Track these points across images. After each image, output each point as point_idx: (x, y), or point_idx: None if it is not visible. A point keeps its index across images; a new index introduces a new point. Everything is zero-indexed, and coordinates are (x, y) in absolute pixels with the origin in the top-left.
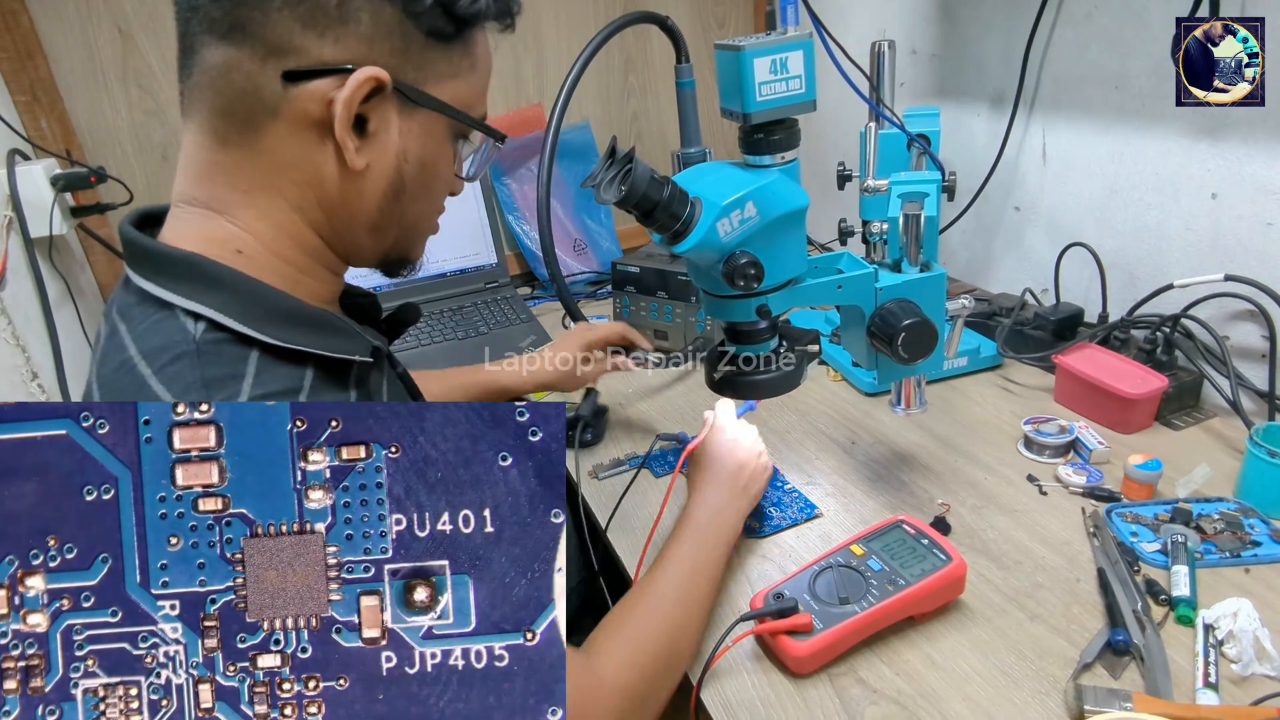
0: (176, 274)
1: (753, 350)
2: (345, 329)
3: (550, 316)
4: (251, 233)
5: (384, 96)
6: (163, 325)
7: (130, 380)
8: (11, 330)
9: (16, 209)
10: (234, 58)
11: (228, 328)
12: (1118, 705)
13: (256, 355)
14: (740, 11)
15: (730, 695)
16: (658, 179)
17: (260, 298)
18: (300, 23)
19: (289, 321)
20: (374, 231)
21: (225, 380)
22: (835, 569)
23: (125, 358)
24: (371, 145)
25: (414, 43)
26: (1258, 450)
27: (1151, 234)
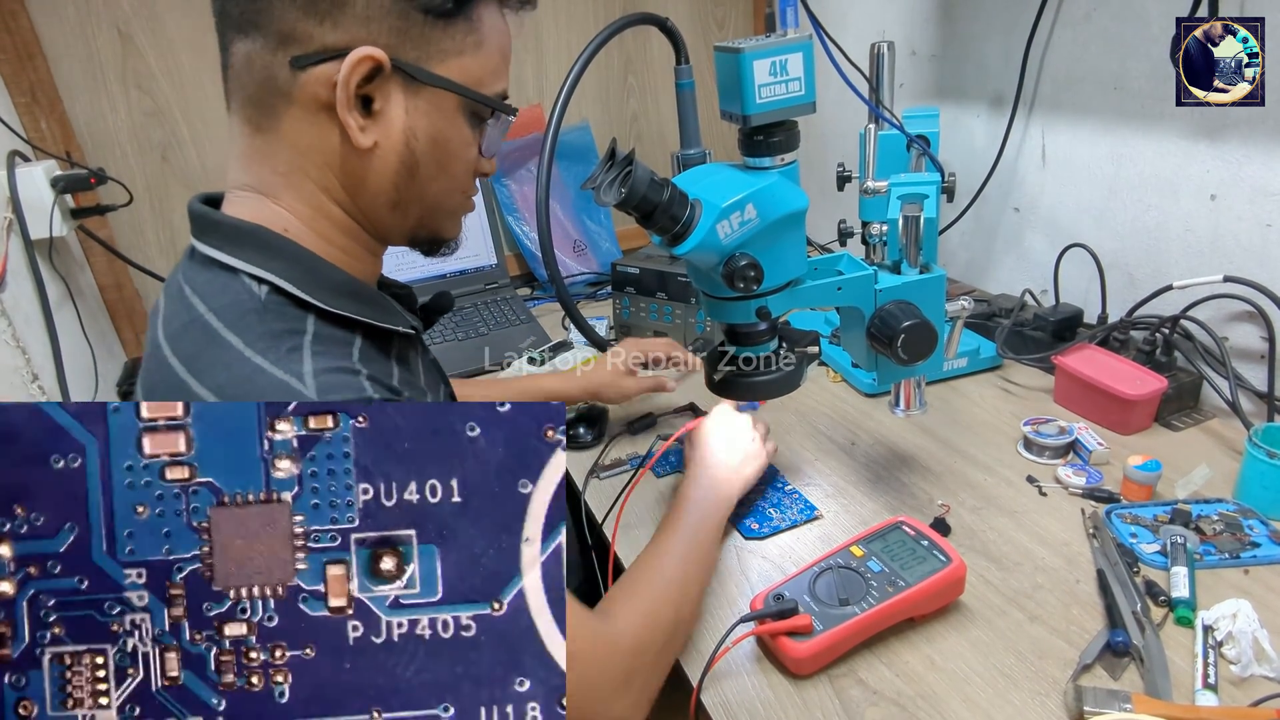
0: (241, 242)
1: (753, 352)
2: (388, 305)
3: (550, 317)
4: (294, 213)
5: (386, 76)
6: (230, 286)
7: (202, 333)
8: (12, 332)
9: (16, 210)
10: (252, 50)
11: (286, 292)
12: (1117, 706)
13: (313, 318)
14: (740, 13)
15: (730, 696)
16: (658, 181)
17: (314, 268)
18: (302, 11)
19: (339, 291)
20: (394, 209)
21: (288, 334)
22: (835, 570)
23: (195, 315)
24: (378, 124)
25: (413, 21)
26: (1257, 451)
27: (1151, 235)
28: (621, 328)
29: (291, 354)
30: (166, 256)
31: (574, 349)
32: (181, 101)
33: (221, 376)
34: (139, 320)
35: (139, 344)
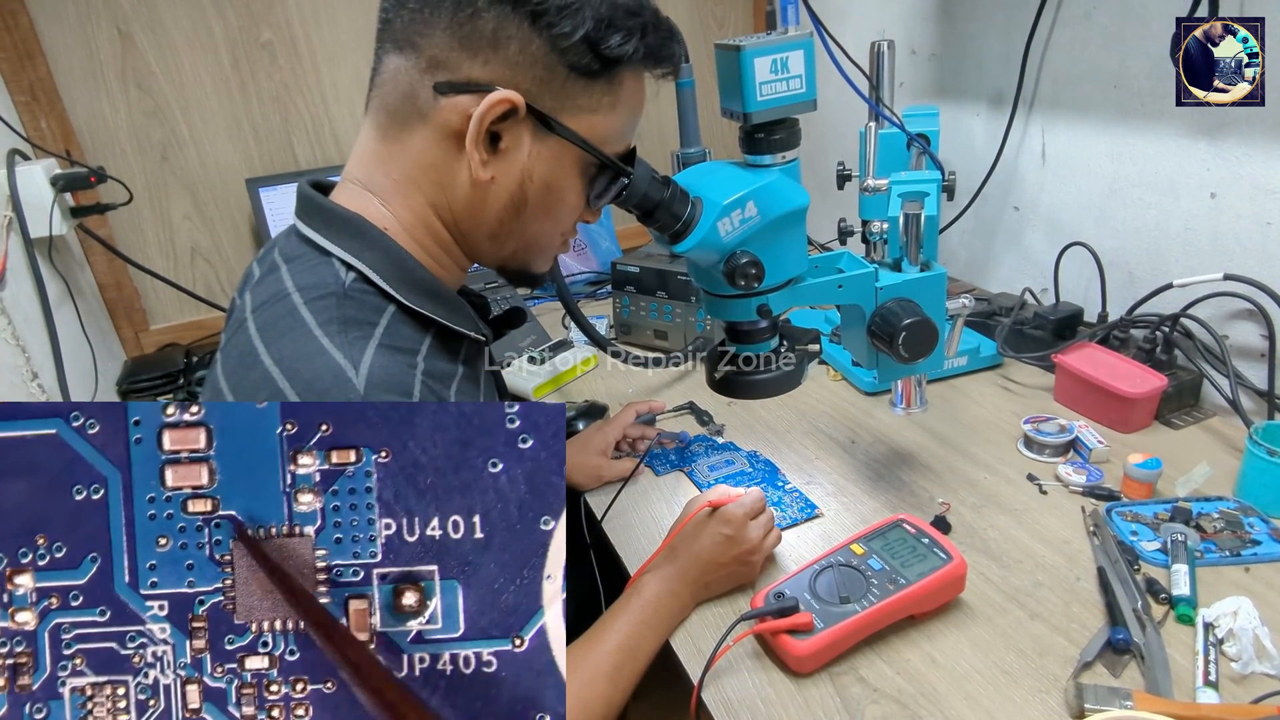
0: (340, 229)
1: (753, 350)
2: (464, 310)
3: (550, 316)
4: (396, 216)
5: (519, 119)
6: (319, 268)
7: (283, 307)
8: (11, 330)
9: (16, 209)
10: (403, 66)
11: (373, 283)
12: (1118, 703)
13: (392, 311)
14: (739, 11)
15: (731, 694)
16: (658, 179)
17: (403, 264)
18: (459, 42)
19: (421, 290)
20: (493, 239)
21: (360, 323)
22: (836, 568)
23: (281, 289)
24: (500, 161)
25: (557, 74)
26: (1257, 449)
27: (1151, 233)
28: (621, 326)
29: (357, 342)
30: (166, 255)
31: (574, 348)
32: (181, 101)
33: (288, 348)
34: (138, 319)
35: (138, 343)
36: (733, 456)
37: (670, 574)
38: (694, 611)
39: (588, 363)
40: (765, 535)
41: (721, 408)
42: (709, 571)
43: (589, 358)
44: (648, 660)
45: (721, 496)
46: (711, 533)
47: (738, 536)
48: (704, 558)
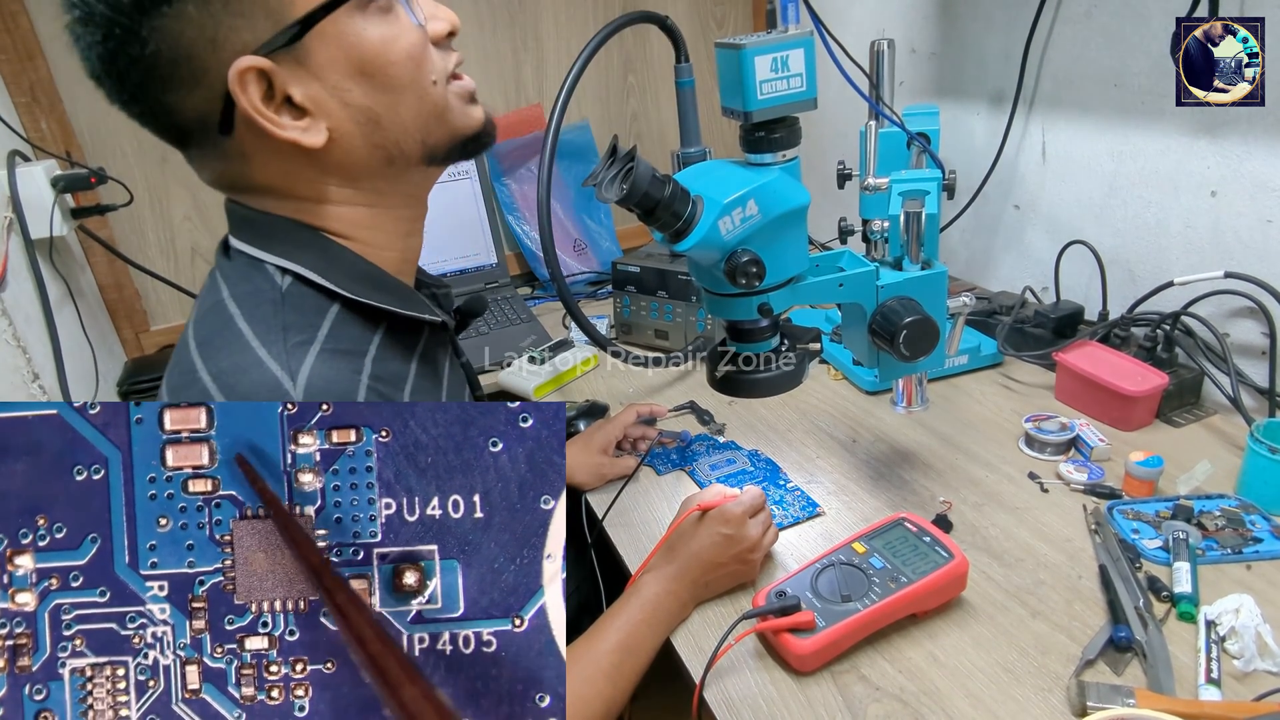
0: (270, 235)
1: (754, 349)
2: (416, 296)
3: (550, 316)
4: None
5: (273, 69)
6: (253, 276)
7: (219, 317)
8: (12, 331)
9: (17, 210)
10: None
11: (311, 282)
12: (1120, 701)
13: (336, 310)
14: (740, 11)
15: (733, 693)
16: (659, 177)
17: (339, 257)
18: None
19: (365, 281)
20: (392, 162)
21: (302, 328)
22: (837, 567)
23: (218, 299)
24: (315, 111)
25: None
26: (1258, 447)
27: (1151, 231)
28: (622, 326)
29: (297, 350)
30: (166, 256)
31: (574, 348)
32: None
33: (225, 362)
34: (139, 320)
35: (139, 344)
36: (734, 455)
37: (670, 573)
38: (695, 611)
39: (588, 363)
40: (764, 533)
41: (722, 407)
42: (709, 571)
43: (589, 358)
44: (648, 659)
45: (715, 497)
46: (710, 532)
47: (736, 535)
48: (704, 557)
